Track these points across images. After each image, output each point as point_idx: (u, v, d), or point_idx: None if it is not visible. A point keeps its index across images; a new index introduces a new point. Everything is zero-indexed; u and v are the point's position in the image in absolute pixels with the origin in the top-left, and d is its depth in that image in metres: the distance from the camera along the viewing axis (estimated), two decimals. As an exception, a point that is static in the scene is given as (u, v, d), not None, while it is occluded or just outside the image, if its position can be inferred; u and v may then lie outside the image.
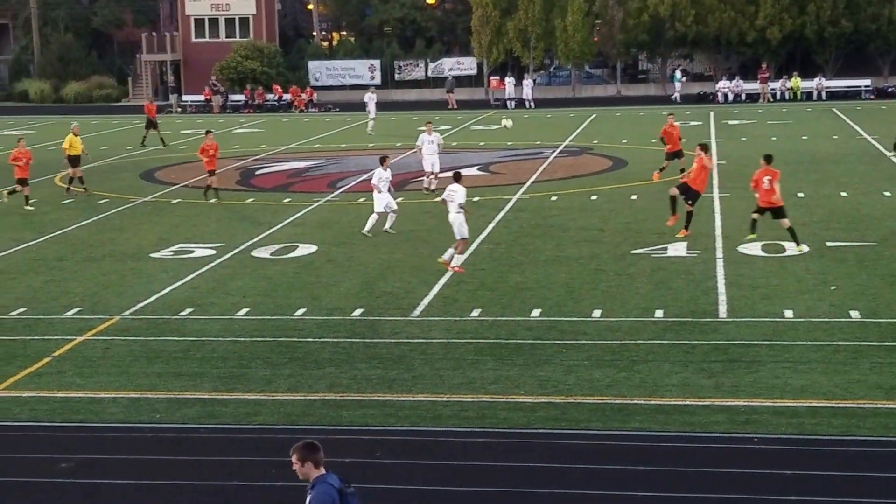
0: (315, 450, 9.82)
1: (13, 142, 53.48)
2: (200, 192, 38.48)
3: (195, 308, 22.79)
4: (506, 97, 75.21)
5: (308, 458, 9.79)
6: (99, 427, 16.35)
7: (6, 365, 19.25)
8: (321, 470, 9.81)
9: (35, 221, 32.98)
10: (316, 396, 17.43)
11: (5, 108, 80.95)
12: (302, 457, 9.78)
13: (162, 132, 55.19)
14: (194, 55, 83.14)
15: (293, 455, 9.79)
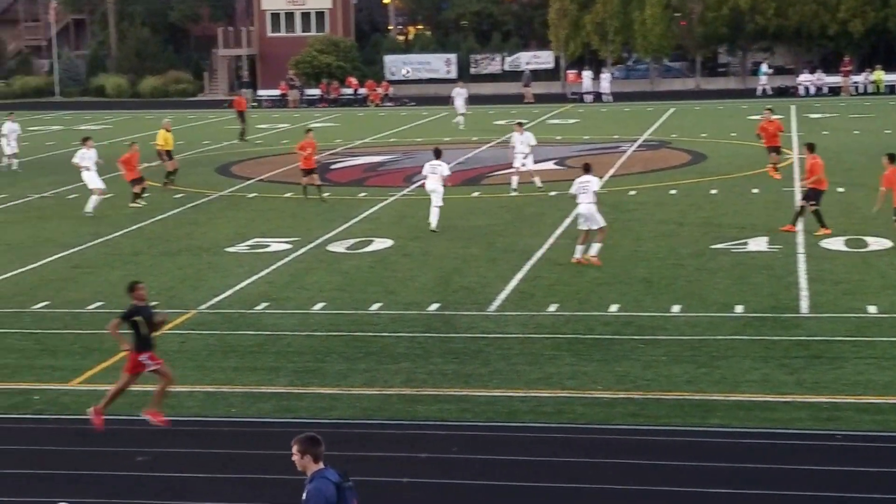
0: (316, 444, 9.71)
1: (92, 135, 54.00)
2: (277, 185, 38.63)
3: (271, 302, 22.77)
4: (583, 91, 74.76)
5: (308, 451, 9.67)
6: (175, 420, 16.32)
7: (83, 359, 19.33)
8: (320, 464, 9.68)
9: (112, 216, 33.17)
10: (392, 391, 17.31)
11: (82, 102, 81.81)
12: (302, 449, 9.67)
13: (237, 127, 55.37)
14: (270, 50, 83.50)
15: (294, 446, 9.68)
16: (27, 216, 33.74)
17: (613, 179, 38.22)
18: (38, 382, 18.15)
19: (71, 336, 20.74)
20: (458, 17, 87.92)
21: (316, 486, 9.53)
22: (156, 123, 48.06)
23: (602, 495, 13.57)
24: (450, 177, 30.71)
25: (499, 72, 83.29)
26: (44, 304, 23.05)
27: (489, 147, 48.84)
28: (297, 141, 45.14)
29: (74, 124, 65.73)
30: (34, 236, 30.48)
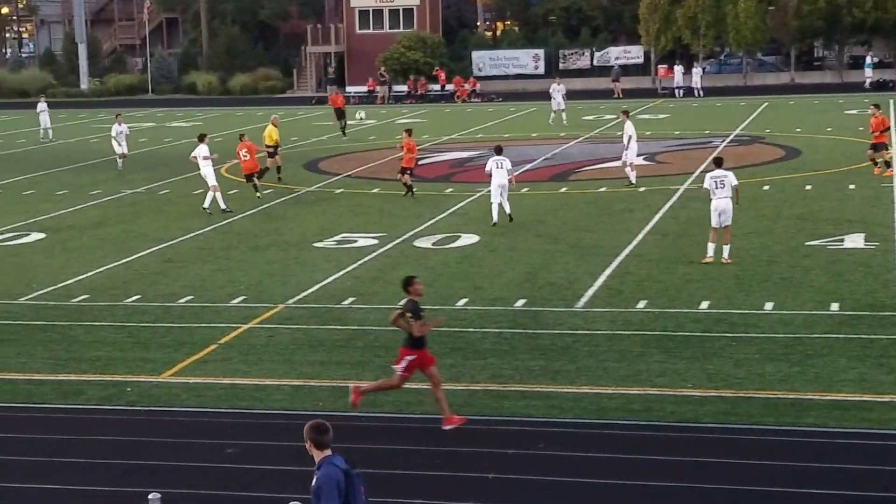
0: (320, 432, 9.80)
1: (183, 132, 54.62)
2: (364, 181, 38.77)
3: (357, 297, 22.81)
4: (674, 86, 74.11)
5: (311, 438, 9.83)
6: (263, 414, 16.42)
7: (174, 352, 19.50)
8: (327, 451, 9.77)
9: (202, 212, 33.44)
10: (478, 387, 17.24)
11: (174, 99, 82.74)
12: (306, 437, 9.86)
13: (324, 124, 55.64)
14: (358, 46, 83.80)
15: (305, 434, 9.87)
16: (121, 211, 34.16)
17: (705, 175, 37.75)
18: (131, 374, 18.34)
19: (162, 329, 20.93)
20: (546, 12, 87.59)
21: (325, 472, 9.67)
22: (245, 120, 48.52)
23: (692, 494, 13.39)
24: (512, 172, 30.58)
25: (587, 67, 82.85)
26: (136, 297, 23.31)
27: (577, 143, 48.60)
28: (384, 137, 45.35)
29: (166, 121, 66.50)
30: (127, 231, 30.85)
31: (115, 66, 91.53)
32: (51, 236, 30.30)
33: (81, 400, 17.23)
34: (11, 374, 18.47)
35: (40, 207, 34.99)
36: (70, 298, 23.34)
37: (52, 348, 19.87)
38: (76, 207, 34.99)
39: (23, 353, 19.65)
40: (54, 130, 56.88)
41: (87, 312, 22.24)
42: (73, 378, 18.23)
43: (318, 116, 64.41)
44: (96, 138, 54.99)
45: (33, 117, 57.76)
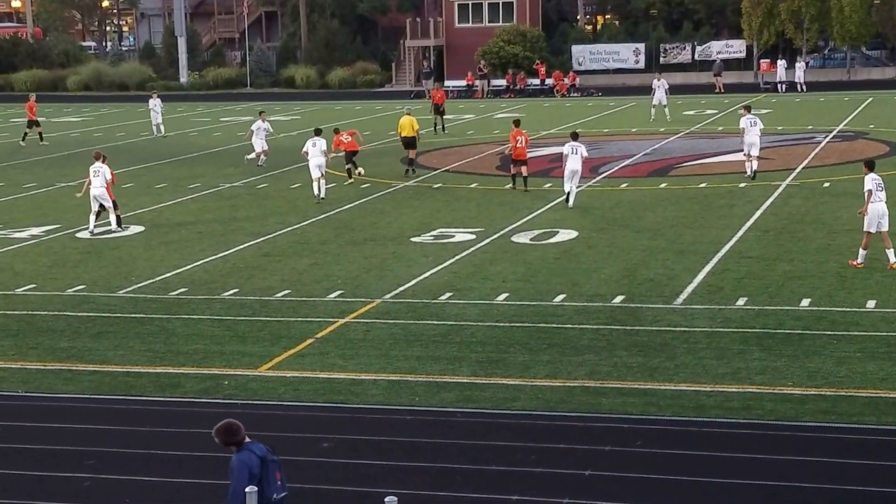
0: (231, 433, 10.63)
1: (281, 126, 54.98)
2: (462, 176, 38.70)
3: (454, 292, 22.74)
4: (776, 80, 73.04)
5: (223, 442, 10.66)
6: (359, 408, 16.42)
7: (271, 345, 19.58)
8: (246, 440, 10.62)
9: (300, 206, 33.64)
10: (575, 383, 17.09)
11: (273, 93, 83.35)
12: (220, 441, 10.68)
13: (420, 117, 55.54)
14: (457, 40, 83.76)
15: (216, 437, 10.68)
16: (219, 205, 34.45)
17: (807, 171, 37.22)
18: (228, 368, 18.45)
19: (259, 323, 21.04)
20: (647, 6, 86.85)
21: (239, 457, 10.43)
22: (343, 114, 48.69)
23: (791, 494, 13.13)
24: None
25: (688, 61, 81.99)
26: (234, 291, 23.46)
27: (677, 138, 48.11)
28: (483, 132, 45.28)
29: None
30: (225, 225, 31.09)
31: (214, 60, 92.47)
32: (150, 229, 30.64)
33: (179, 393, 17.37)
34: (110, 367, 18.68)
35: (140, 201, 35.42)
36: (168, 291, 23.57)
37: (151, 341, 20.06)
38: (175, 201, 35.36)
39: (121, 345, 19.86)
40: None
41: (184, 305, 22.43)
42: (171, 371, 18.39)
43: (417, 111, 64.49)
44: (195, 132, 55.61)
45: (133, 111, 58.65)
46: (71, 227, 30.89)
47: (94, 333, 20.64)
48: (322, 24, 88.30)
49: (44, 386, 17.83)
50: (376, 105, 70.48)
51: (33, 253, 27.89)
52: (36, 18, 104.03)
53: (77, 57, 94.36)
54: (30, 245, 28.83)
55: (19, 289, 24.13)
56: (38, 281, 24.79)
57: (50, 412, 16.64)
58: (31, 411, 16.72)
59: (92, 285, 24.26)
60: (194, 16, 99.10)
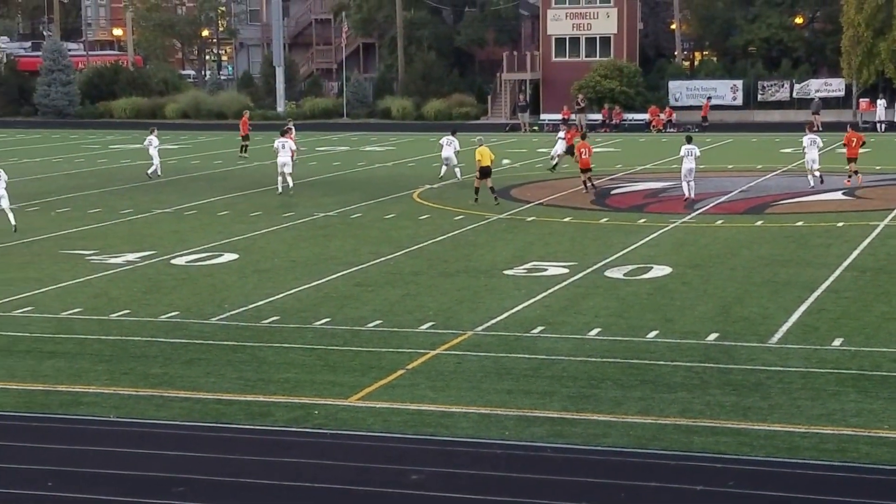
0: None
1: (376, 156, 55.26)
2: (556, 209, 38.56)
3: (546, 326, 22.58)
4: (876, 119, 71.99)
5: None
6: (449, 441, 16.31)
7: (362, 376, 19.55)
8: None
9: (393, 236, 33.71)
10: (667, 421, 16.84)
11: (369, 124, 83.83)
12: None
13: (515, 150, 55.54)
14: (553, 74, 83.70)
15: None
16: (313, 234, 34.62)
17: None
18: (318, 397, 18.44)
19: (351, 353, 21.03)
20: (746, 43, 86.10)
21: None
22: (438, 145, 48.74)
23: (891, 544, 12.78)
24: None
25: (786, 99, 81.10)
26: (325, 320, 23.50)
27: (774, 175, 47.54)
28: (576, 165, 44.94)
29: (360, 145, 67.43)
30: (318, 254, 31.22)
31: (311, 90, 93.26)
32: (243, 257, 30.85)
33: (269, 421, 17.38)
34: (201, 394, 18.76)
35: (234, 228, 35.71)
36: (260, 319, 23.67)
37: (242, 369, 20.13)
38: (269, 229, 35.60)
39: (213, 372, 19.96)
40: (249, 151, 58.31)
41: (276, 334, 22.51)
42: (262, 399, 18.42)
43: (511, 143, 64.53)
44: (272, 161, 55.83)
45: (230, 139, 59.17)
46: (166, 254, 31.21)
47: (187, 360, 20.77)
48: (419, 57, 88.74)
49: (135, 412, 17.95)
50: (471, 137, 70.40)
51: (128, 279, 28.20)
52: (137, 47, 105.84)
53: (176, 85, 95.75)
54: (125, 271, 29.17)
55: (114, 314, 24.39)
56: (133, 307, 25.05)
57: (141, 438, 16.73)
58: (122, 437, 16.82)
59: (185, 312, 24.46)
60: (293, 46, 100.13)
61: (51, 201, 42.74)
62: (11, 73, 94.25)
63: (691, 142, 40.46)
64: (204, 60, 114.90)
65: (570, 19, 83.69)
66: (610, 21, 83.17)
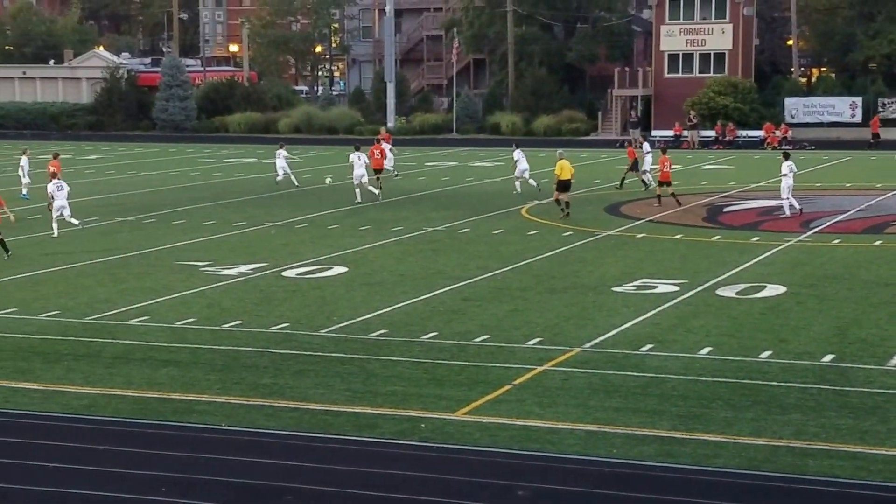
0: None
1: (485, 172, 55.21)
2: (666, 226, 38.17)
3: (656, 344, 22.31)
4: None
5: None
6: (555, 458, 16.15)
7: (468, 390, 19.48)
8: None
9: (501, 251, 33.62)
10: (780, 443, 16.50)
11: (478, 139, 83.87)
12: None
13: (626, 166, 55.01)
14: (665, 90, 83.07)
15: None
16: (421, 248, 34.67)
17: None
18: (425, 411, 18.40)
19: (458, 367, 20.97)
20: (866, 59, 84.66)
21: None
22: (547, 161, 48.65)
23: None
24: None
25: (907, 116, 79.50)
26: (433, 334, 23.48)
27: (894, 194, 46.58)
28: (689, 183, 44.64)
29: (469, 161, 67.49)
30: (426, 268, 31.23)
31: (421, 105, 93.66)
32: (352, 270, 30.97)
33: (376, 433, 17.38)
34: (310, 404, 18.83)
35: (344, 242, 35.90)
36: (369, 332, 23.72)
37: (350, 381, 20.18)
38: (378, 243, 35.72)
39: (321, 384, 20.03)
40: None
41: (384, 347, 22.53)
42: (369, 411, 18.43)
43: (622, 160, 64.11)
44: (400, 176, 56.22)
45: (340, 153, 59.54)
46: (277, 266, 31.46)
47: (296, 371, 20.88)
48: (530, 72, 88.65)
49: (246, 421, 18.08)
50: (581, 153, 70.24)
51: (240, 290, 28.47)
52: (252, 63, 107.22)
53: (289, 100, 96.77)
54: (238, 282, 29.45)
55: (226, 324, 24.63)
56: (244, 317, 25.27)
57: (251, 447, 16.83)
58: (233, 445, 16.94)
59: (295, 324, 24.61)
60: (404, 62, 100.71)
61: (167, 213, 43.39)
62: (131, 88, 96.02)
63: (789, 158, 41.60)
64: (317, 76, 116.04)
65: (683, 35, 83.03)
66: (725, 37, 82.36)
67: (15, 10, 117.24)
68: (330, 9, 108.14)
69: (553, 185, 42.01)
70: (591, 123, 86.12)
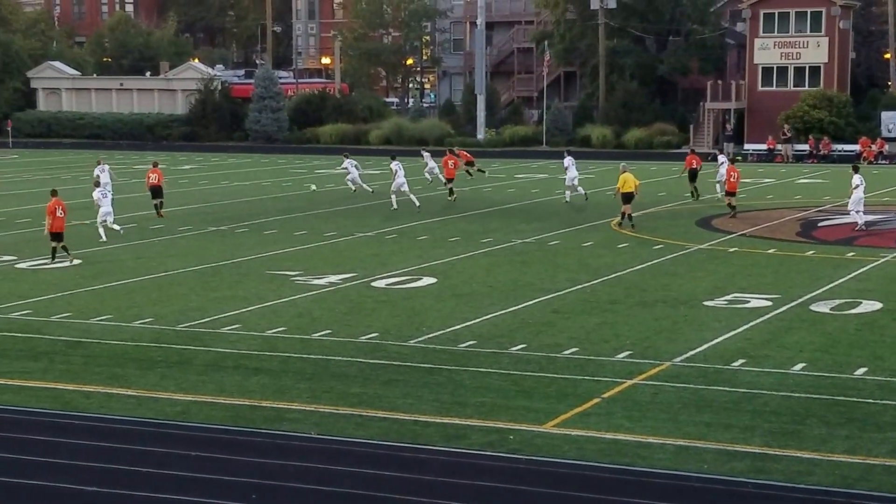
0: None
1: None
2: (759, 241, 37.79)
3: (748, 359, 22.06)
4: None
5: None
6: (646, 472, 16.02)
7: (557, 402, 19.40)
8: None
9: (591, 264, 33.47)
10: (876, 461, 16.22)
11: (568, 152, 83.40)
12: None
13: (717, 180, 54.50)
14: (759, 104, 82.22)
15: None
16: (510, 260, 34.61)
17: None
18: (513, 422, 18.35)
19: (546, 379, 20.89)
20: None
21: None
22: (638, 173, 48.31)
23: None
24: None
25: None
26: (521, 346, 23.42)
27: None
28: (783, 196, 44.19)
29: (559, 173, 67.13)
30: (515, 280, 31.17)
31: (511, 118, 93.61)
32: (441, 281, 31.00)
33: (464, 444, 17.36)
34: (399, 414, 18.86)
35: (433, 253, 35.95)
36: (457, 343, 23.72)
37: (438, 391, 20.19)
38: (467, 254, 35.73)
39: (410, 394, 20.06)
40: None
41: (473, 358, 22.51)
42: (458, 422, 18.42)
43: (712, 173, 63.60)
44: (489, 187, 56.27)
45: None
46: (367, 276, 31.59)
47: (385, 381, 20.94)
48: (621, 85, 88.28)
49: (335, 429, 18.15)
50: (672, 166, 69.70)
51: (331, 299, 28.62)
52: (344, 75, 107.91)
53: (380, 112, 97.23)
54: (328, 292, 29.61)
55: (316, 333, 24.77)
56: (334, 327, 25.40)
57: (340, 455, 16.90)
58: (322, 453, 17.02)
59: (384, 333, 24.68)
60: (494, 74, 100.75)
61: (259, 223, 43.79)
62: (225, 99, 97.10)
63: (858, 171, 41.77)
64: (407, 88, 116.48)
65: (778, 48, 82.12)
66: (820, 50, 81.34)
67: (113, 22, 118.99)
68: (421, 22, 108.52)
69: (616, 196, 42.30)
70: (683, 136, 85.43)
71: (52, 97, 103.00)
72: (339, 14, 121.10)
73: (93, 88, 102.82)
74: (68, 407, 19.51)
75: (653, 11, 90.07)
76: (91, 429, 18.35)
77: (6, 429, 18.32)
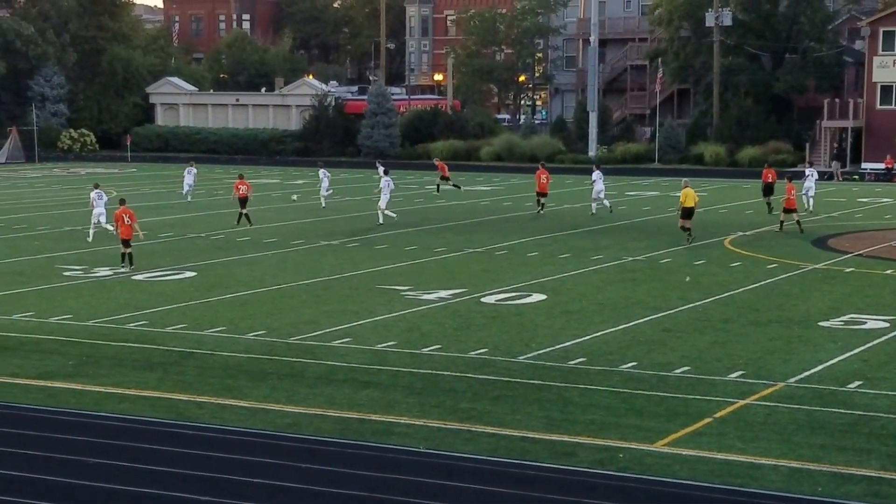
0: None
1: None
2: (877, 261, 37.12)
3: (864, 381, 21.66)
4: None
5: None
6: (758, 493, 15.80)
7: (668, 421, 19.22)
8: None
9: (703, 282, 33.13)
10: None
11: (680, 169, 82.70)
12: None
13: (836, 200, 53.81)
14: (877, 122, 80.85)
15: None
16: (621, 277, 34.40)
17: None
18: (623, 441, 18.22)
19: (657, 398, 20.72)
20: None
21: None
22: (752, 192, 47.81)
23: None
24: None
25: None
26: (632, 364, 23.25)
27: None
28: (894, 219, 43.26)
29: (671, 191, 66.64)
30: (626, 297, 30.97)
31: (623, 135, 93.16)
32: (551, 298, 30.91)
33: (573, 462, 17.27)
34: (507, 430, 18.83)
35: (543, 269, 35.87)
36: (567, 360, 23.63)
37: (548, 408, 20.12)
38: (578, 271, 35.57)
39: (518, 410, 20.01)
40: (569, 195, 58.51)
41: (582, 375, 22.40)
42: (566, 439, 18.33)
43: (830, 192, 62.68)
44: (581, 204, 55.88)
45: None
46: (477, 292, 31.61)
47: (494, 397, 20.92)
48: (735, 103, 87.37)
49: (444, 444, 18.17)
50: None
51: (440, 315, 28.69)
52: (456, 91, 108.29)
53: (491, 129, 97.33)
54: (437, 307, 29.69)
55: (426, 348, 24.85)
56: (444, 342, 25.45)
57: (449, 470, 16.91)
58: (431, 468, 17.05)
59: (494, 349, 24.67)
60: (607, 91, 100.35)
61: (371, 238, 44.07)
62: (338, 115, 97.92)
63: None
64: (519, 105, 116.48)
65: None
66: (942, 69, 79.75)
67: (230, 39, 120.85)
68: (534, 39, 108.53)
69: (677, 211, 42.96)
70: (799, 155, 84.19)
71: (170, 112, 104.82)
72: (453, 31, 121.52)
73: (209, 104, 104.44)
74: (182, 417, 19.81)
75: (769, 29, 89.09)
76: (204, 439, 18.60)
77: (125, 437, 18.65)
